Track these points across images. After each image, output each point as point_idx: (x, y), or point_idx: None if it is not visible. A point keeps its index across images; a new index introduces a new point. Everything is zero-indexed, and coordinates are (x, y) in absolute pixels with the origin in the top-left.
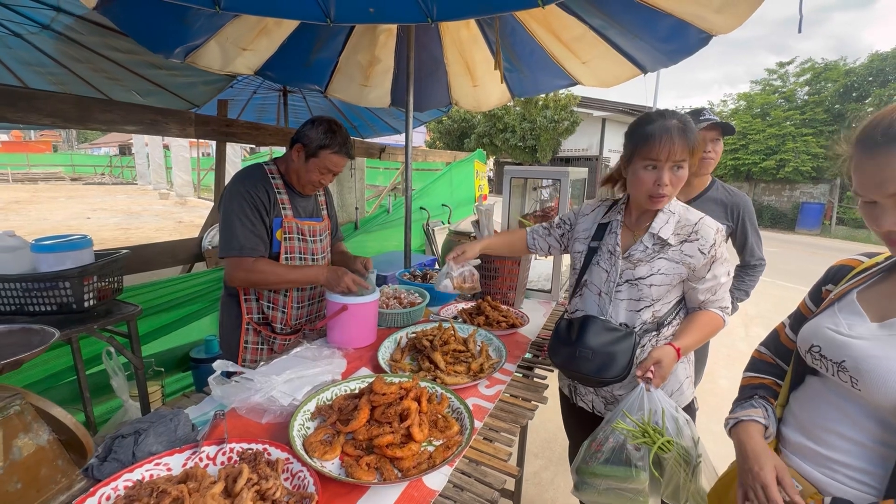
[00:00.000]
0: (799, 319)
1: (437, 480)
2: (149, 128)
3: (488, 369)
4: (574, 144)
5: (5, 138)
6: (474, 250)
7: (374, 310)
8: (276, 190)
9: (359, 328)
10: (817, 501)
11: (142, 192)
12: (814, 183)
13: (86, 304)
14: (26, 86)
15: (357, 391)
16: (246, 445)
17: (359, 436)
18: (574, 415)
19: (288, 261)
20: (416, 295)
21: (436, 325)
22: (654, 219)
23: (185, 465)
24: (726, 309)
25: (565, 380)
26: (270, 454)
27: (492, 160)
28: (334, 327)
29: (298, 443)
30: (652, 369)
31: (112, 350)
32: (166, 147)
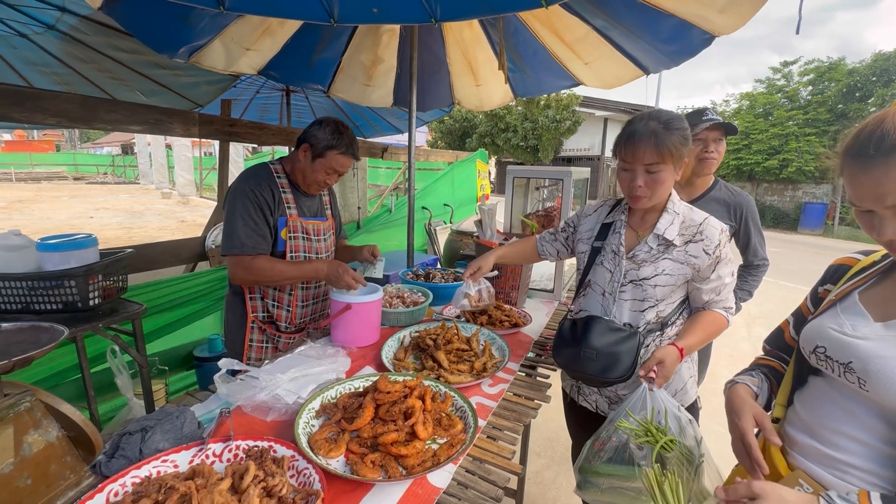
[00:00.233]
0: (800, 320)
1: (441, 478)
2: (153, 127)
3: (491, 368)
4: (576, 144)
5: (9, 138)
6: (489, 263)
7: (378, 309)
8: (281, 189)
9: (362, 327)
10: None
11: (144, 191)
12: (816, 183)
13: (91, 302)
14: (31, 86)
15: (361, 389)
16: (252, 443)
17: (363, 434)
18: (577, 414)
19: (293, 259)
20: (419, 294)
21: (439, 324)
22: (658, 219)
23: (191, 461)
24: (730, 309)
25: (568, 380)
26: (276, 451)
27: (493, 160)
28: (338, 326)
29: (304, 440)
30: (655, 369)
31: (116, 348)
32: (169, 146)
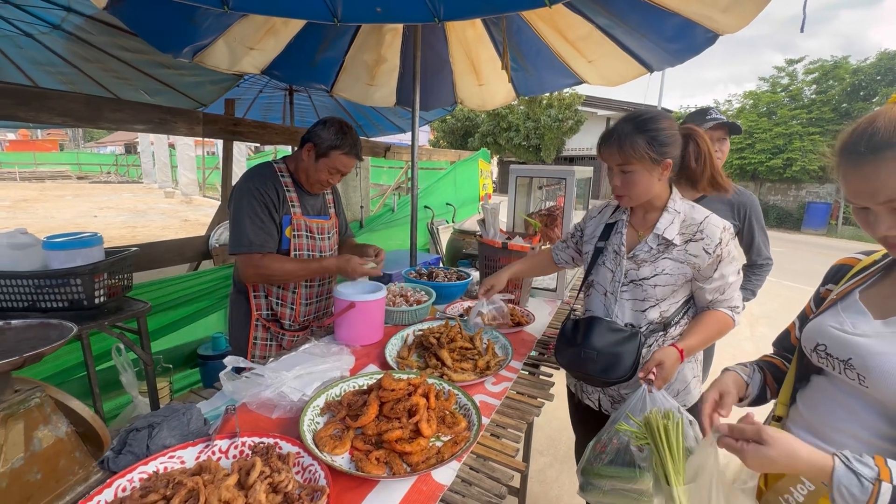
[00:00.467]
0: (804, 321)
1: (445, 475)
2: (158, 127)
3: (494, 367)
4: (578, 143)
5: (13, 137)
6: (502, 281)
7: (381, 307)
8: (285, 188)
9: (366, 325)
10: (828, 501)
11: (147, 190)
12: (820, 182)
13: (96, 300)
14: (37, 85)
15: (366, 387)
16: (258, 439)
17: (368, 431)
18: (580, 412)
19: (297, 257)
20: (422, 293)
21: (442, 322)
22: (659, 219)
23: (198, 458)
24: (736, 309)
25: (572, 377)
26: (282, 448)
27: (495, 159)
28: (342, 324)
29: (309, 437)
30: (654, 371)
31: (122, 346)
32: (172, 146)
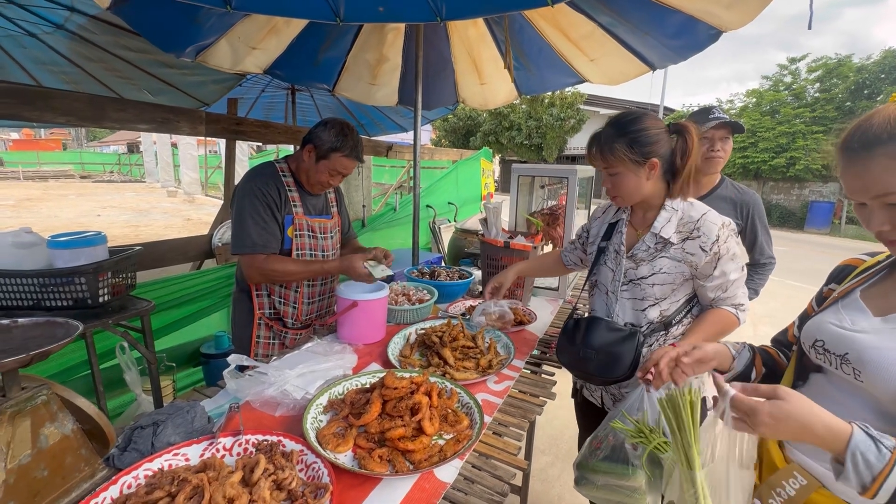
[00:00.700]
0: (803, 319)
1: (448, 473)
2: (161, 126)
3: (497, 365)
4: (580, 143)
5: (16, 137)
6: (509, 279)
7: (384, 306)
8: (287, 188)
9: (368, 324)
10: (823, 496)
11: (150, 189)
12: (823, 181)
13: (100, 299)
14: (40, 85)
15: (368, 386)
16: (261, 437)
17: (371, 429)
18: (584, 408)
19: (299, 257)
20: (424, 292)
21: (444, 321)
22: (656, 217)
23: (202, 455)
24: (741, 306)
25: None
26: (285, 446)
27: (497, 158)
28: (344, 323)
29: (312, 435)
30: (652, 370)
31: (125, 345)
32: (174, 145)
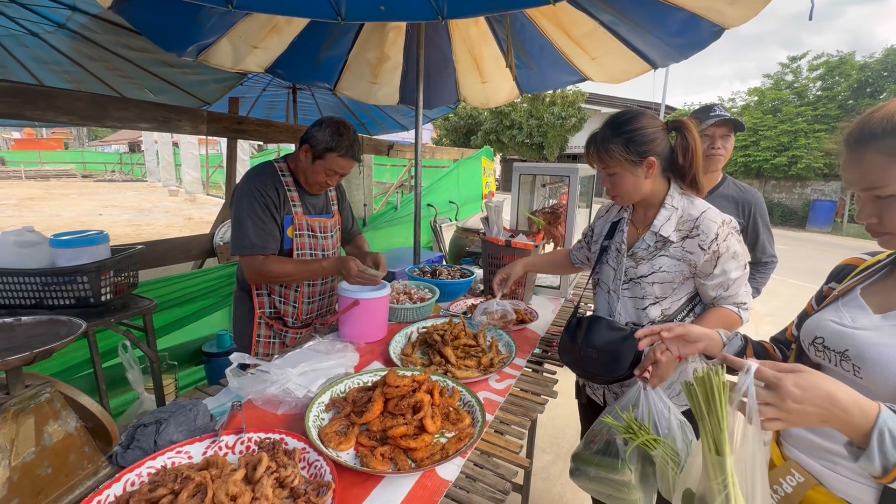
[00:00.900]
0: (803, 317)
1: (449, 471)
2: (162, 125)
3: (498, 364)
4: (581, 141)
5: (18, 136)
6: (517, 272)
7: (385, 305)
8: (286, 187)
9: (370, 323)
10: (820, 494)
11: (151, 188)
12: (825, 180)
13: (103, 298)
14: (42, 84)
15: (370, 384)
16: (264, 435)
17: (373, 427)
18: (586, 405)
19: (299, 257)
20: (425, 290)
21: (446, 320)
22: (656, 216)
23: (205, 453)
24: (743, 305)
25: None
26: (287, 444)
27: (498, 157)
28: (346, 322)
29: (314, 433)
30: (650, 369)
31: (128, 343)
32: (175, 144)
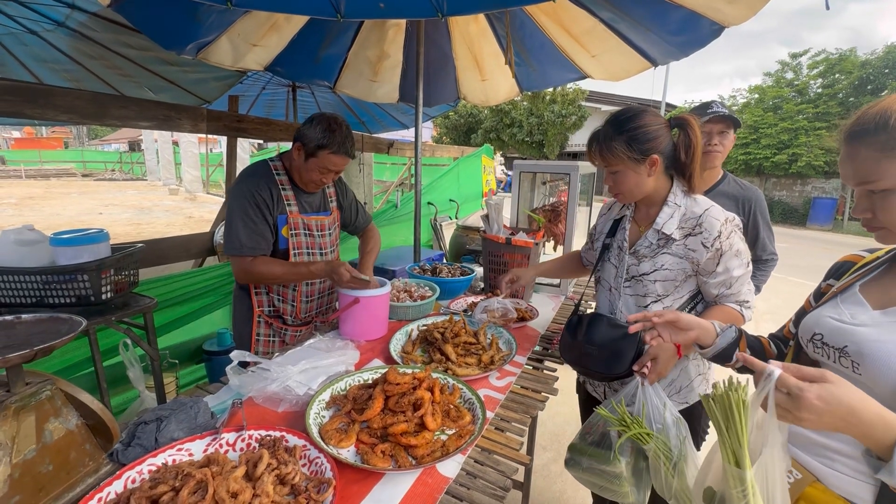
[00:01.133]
0: (801, 314)
1: (450, 468)
2: (162, 123)
3: (499, 361)
4: (582, 139)
5: (18, 135)
6: (527, 277)
7: (386, 303)
8: (280, 186)
9: (370, 321)
10: (817, 490)
11: (151, 187)
12: (826, 177)
13: (103, 296)
14: (42, 82)
15: (371, 381)
16: (264, 432)
17: (373, 424)
18: (586, 401)
19: (296, 257)
20: (426, 288)
21: (446, 317)
22: (658, 213)
23: (205, 450)
24: (746, 303)
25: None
26: (288, 441)
27: (498, 155)
28: (346, 320)
29: (315, 430)
30: (648, 365)
31: (129, 342)
32: (175, 143)
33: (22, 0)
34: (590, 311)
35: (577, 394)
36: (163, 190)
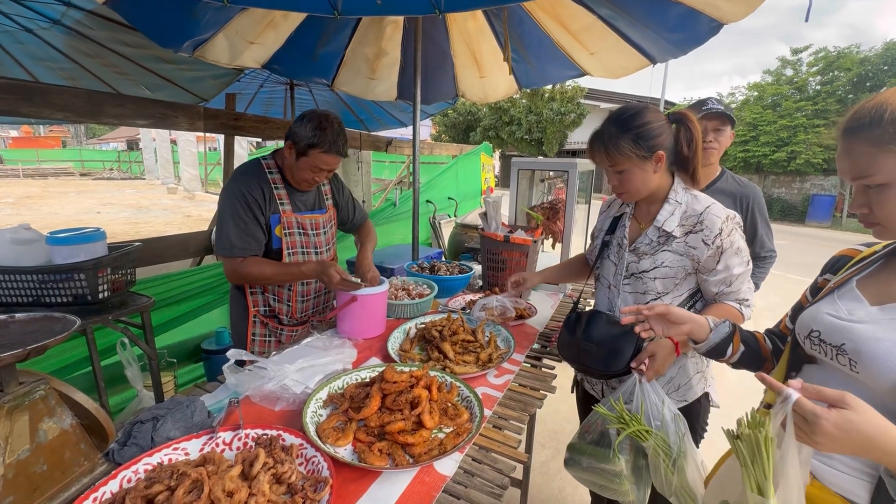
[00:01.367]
0: (797, 310)
1: (448, 466)
2: (159, 122)
3: (497, 359)
4: (581, 137)
5: (15, 134)
6: (534, 280)
7: (384, 301)
8: (272, 185)
9: (368, 319)
10: (815, 488)
11: (150, 186)
12: (825, 175)
13: (100, 295)
14: (38, 80)
15: (368, 380)
16: (261, 431)
17: (371, 423)
18: (584, 399)
19: (290, 256)
20: (424, 286)
21: (444, 315)
22: (659, 210)
23: (202, 449)
24: (745, 301)
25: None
26: (285, 440)
27: (497, 153)
28: (344, 318)
29: (312, 429)
30: (646, 362)
31: (126, 341)
32: (173, 142)
33: None
34: (588, 308)
35: (572, 392)
36: (161, 189)
